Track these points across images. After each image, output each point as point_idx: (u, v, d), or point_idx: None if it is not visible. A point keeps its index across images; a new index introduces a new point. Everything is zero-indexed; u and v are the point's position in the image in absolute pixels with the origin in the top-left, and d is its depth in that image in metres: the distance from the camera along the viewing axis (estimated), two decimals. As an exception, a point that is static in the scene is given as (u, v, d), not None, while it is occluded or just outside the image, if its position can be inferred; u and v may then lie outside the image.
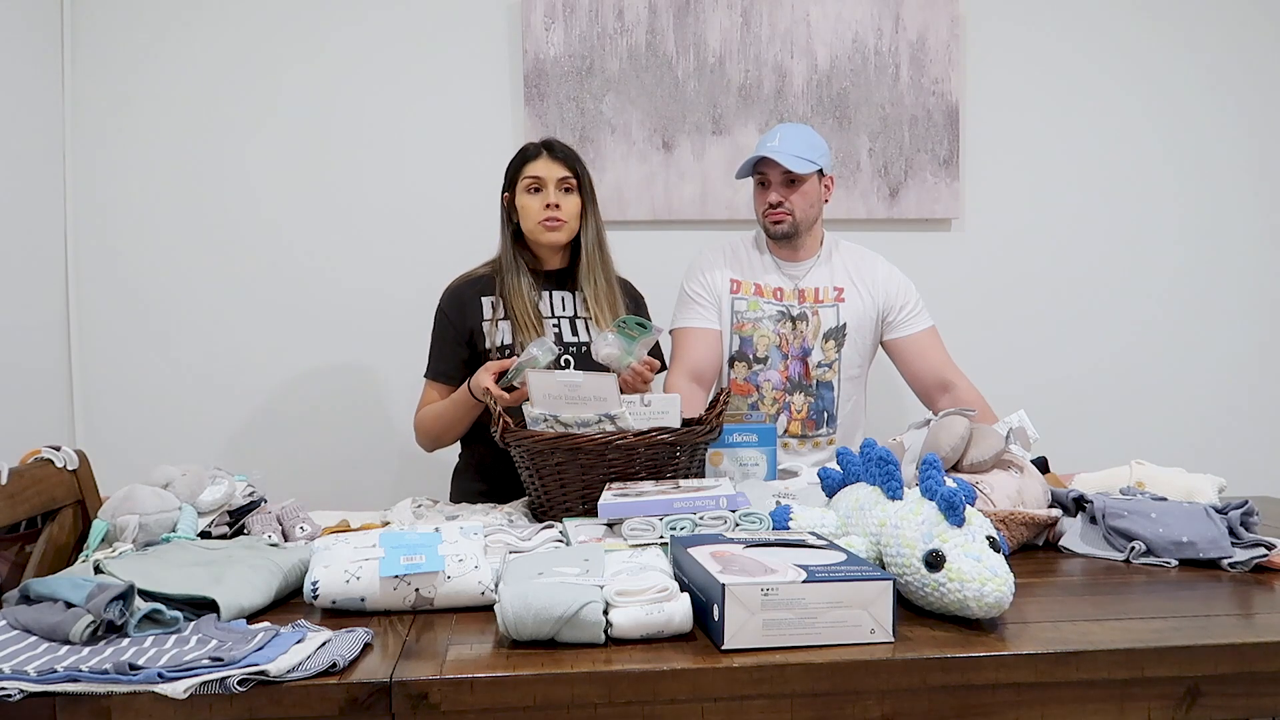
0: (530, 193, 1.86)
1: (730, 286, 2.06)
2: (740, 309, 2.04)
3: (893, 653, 0.97)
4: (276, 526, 1.44)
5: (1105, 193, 2.76)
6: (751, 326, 2.03)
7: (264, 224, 2.56)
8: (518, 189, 1.88)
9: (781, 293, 2.04)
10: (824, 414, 2.05)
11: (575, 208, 1.87)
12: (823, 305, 2.04)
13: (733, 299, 2.05)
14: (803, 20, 2.61)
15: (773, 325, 2.02)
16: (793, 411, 2.03)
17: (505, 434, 1.50)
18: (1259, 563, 1.30)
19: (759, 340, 2.02)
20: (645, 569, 1.11)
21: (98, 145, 2.51)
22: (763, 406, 2.03)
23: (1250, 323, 2.81)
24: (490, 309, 1.88)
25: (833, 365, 2.04)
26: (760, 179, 2.03)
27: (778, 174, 1.98)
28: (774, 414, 2.03)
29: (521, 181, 1.87)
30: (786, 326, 2.02)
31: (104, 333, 2.53)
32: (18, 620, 1.03)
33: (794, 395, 2.03)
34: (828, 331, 2.04)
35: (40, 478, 1.41)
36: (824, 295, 2.05)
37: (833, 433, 2.07)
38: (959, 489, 1.09)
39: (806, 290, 2.05)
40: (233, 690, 0.90)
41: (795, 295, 2.04)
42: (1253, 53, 2.77)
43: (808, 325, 2.03)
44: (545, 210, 1.84)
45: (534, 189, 1.86)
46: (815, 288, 2.05)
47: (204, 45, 2.52)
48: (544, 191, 1.85)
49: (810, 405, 2.04)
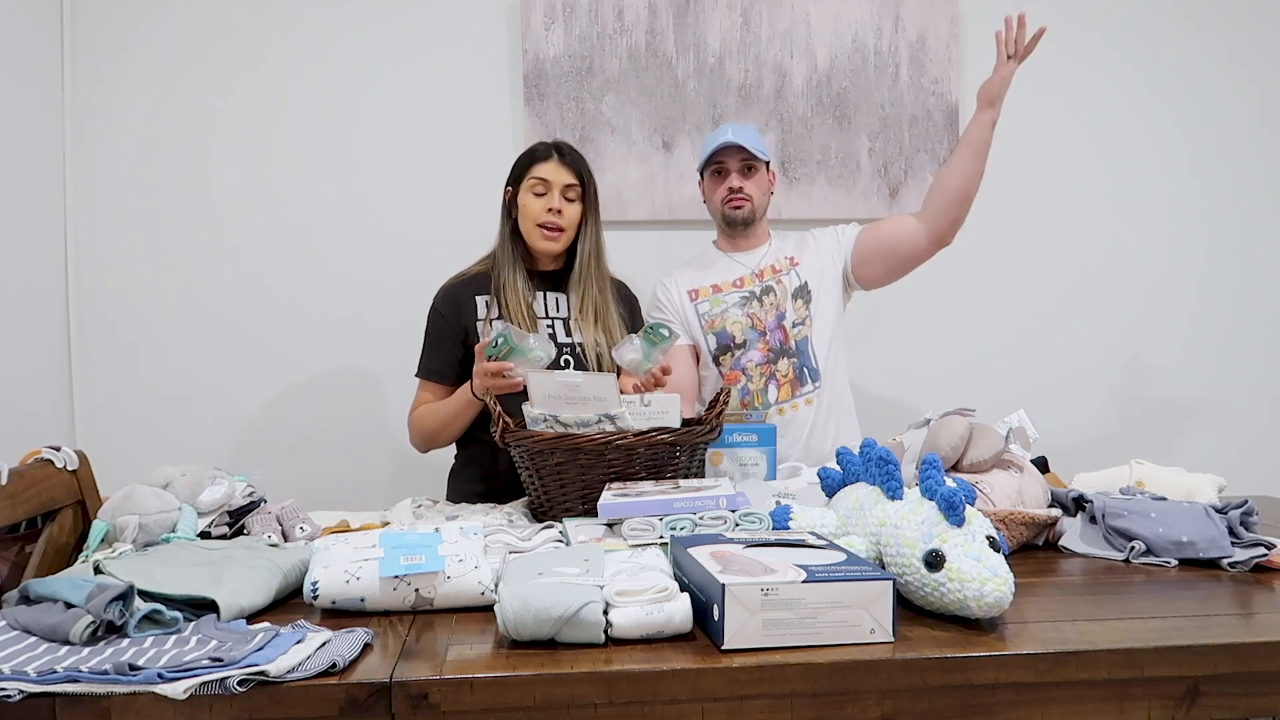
0: (534, 194, 1.85)
1: (689, 297, 2.13)
2: (704, 310, 2.11)
3: (893, 653, 0.97)
4: (276, 527, 1.44)
5: (1105, 193, 2.76)
6: (720, 319, 2.09)
7: (264, 224, 2.56)
8: (522, 187, 1.88)
9: (741, 281, 2.11)
10: (804, 370, 2.09)
11: (576, 216, 1.87)
12: (781, 274, 2.11)
13: (694, 305, 2.12)
14: (802, 20, 2.61)
15: (740, 310, 2.09)
16: (779, 377, 2.08)
17: (505, 434, 1.50)
18: (1259, 562, 1.30)
19: (732, 328, 2.08)
20: (645, 569, 1.11)
21: (98, 145, 2.51)
22: (752, 385, 2.07)
23: (1251, 322, 2.81)
24: (484, 308, 1.88)
25: (805, 321, 2.09)
26: (717, 168, 2.09)
27: (735, 162, 2.06)
28: (762, 387, 2.07)
29: (527, 180, 1.86)
30: (754, 305, 2.09)
31: (104, 333, 2.53)
32: (17, 621, 1.03)
33: (778, 363, 2.08)
34: (795, 290, 2.10)
35: (40, 478, 1.41)
36: (779, 266, 2.12)
37: (818, 385, 2.09)
38: (959, 489, 1.09)
39: (764, 270, 2.12)
40: (232, 690, 0.90)
41: (755, 278, 2.11)
42: (1255, 52, 2.77)
43: (774, 295, 2.09)
44: (546, 215, 1.84)
45: (538, 191, 1.85)
46: (769, 265, 2.12)
47: (204, 47, 2.52)
48: (548, 196, 1.85)
49: (794, 366, 2.09)
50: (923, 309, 2.70)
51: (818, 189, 2.63)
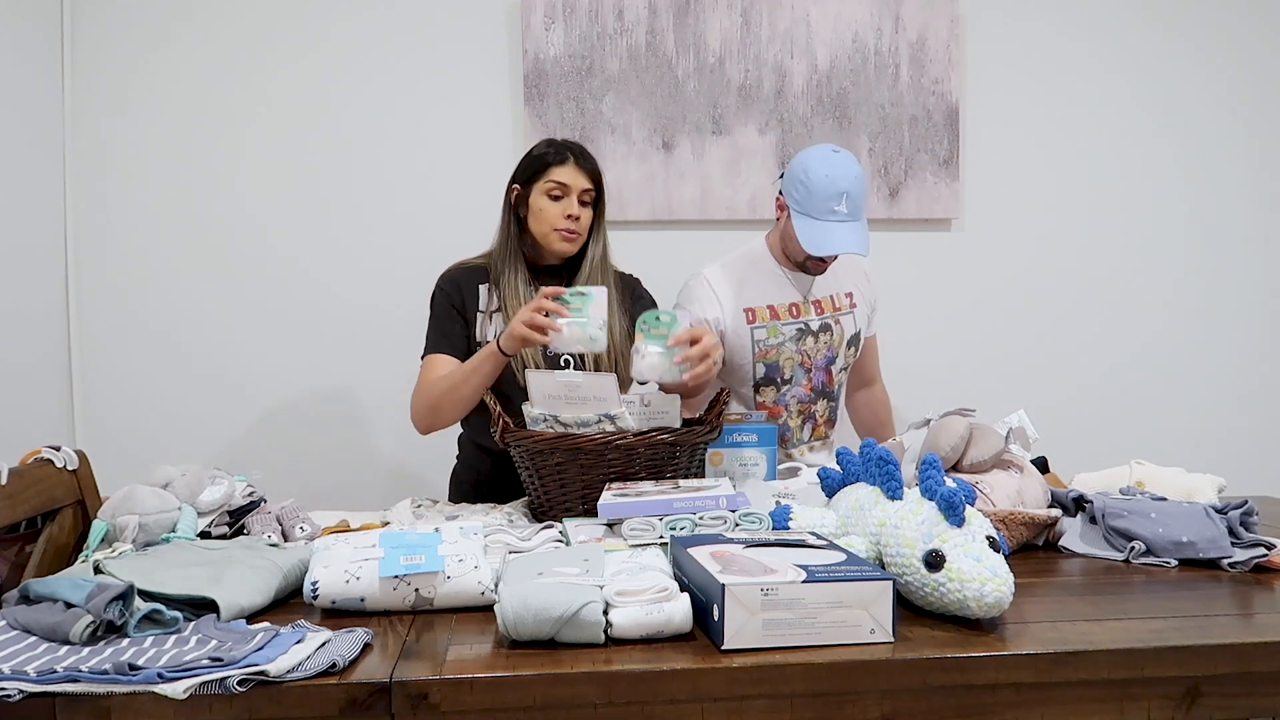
0: (550, 197, 1.82)
1: (745, 318, 2.00)
2: (760, 338, 2.00)
3: (893, 653, 0.97)
4: (276, 526, 1.44)
5: (1105, 193, 2.76)
6: (775, 352, 2.00)
7: (263, 224, 2.56)
8: (535, 188, 1.83)
9: (797, 309, 2.01)
10: (835, 413, 2.11)
11: (589, 218, 1.86)
12: (841, 314, 2.06)
13: (750, 329, 2.00)
14: (803, 20, 2.61)
15: (794, 346, 2.01)
16: (817, 419, 2.06)
17: (505, 434, 1.49)
18: (1259, 563, 1.30)
19: (784, 363, 2.00)
20: (645, 569, 1.11)
21: (98, 145, 2.51)
22: (791, 423, 2.04)
23: (1251, 322, 2.81)
24: (485, 299, 1.87)
25: (847, 368, 2.10)
26: None
27: None
28: (800, 424, 2.05)
29: (543, 183, 1.82)
30: (808, 342, 2.01)
31: (104, 332, 2.53)
32: (17, 620, 1.03)
33: (817, 403, 2.05)
34: (850, 338, 2.06)
35: (40, 478, 1.41)
36: (839, 303, 2.06)
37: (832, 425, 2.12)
38: (959, 489, 1.09)
39: (822, 301, 2.04)
40: (232, 690, 0.90)
41: (811, 307, 2.02)
42: (1253, 53, 2.77)
43: (831, 335, 2.03)
44: (565, 220, 1.80)
45: (555, 195, 1.81)
46: (829, 296, 2.05)
47: (203, 46, 2.52)
48: (566, 200, 1.81)
49: (830, 409, 2.09)
50: (923, 309, 2.70)
51: (818, 189, 2.63)
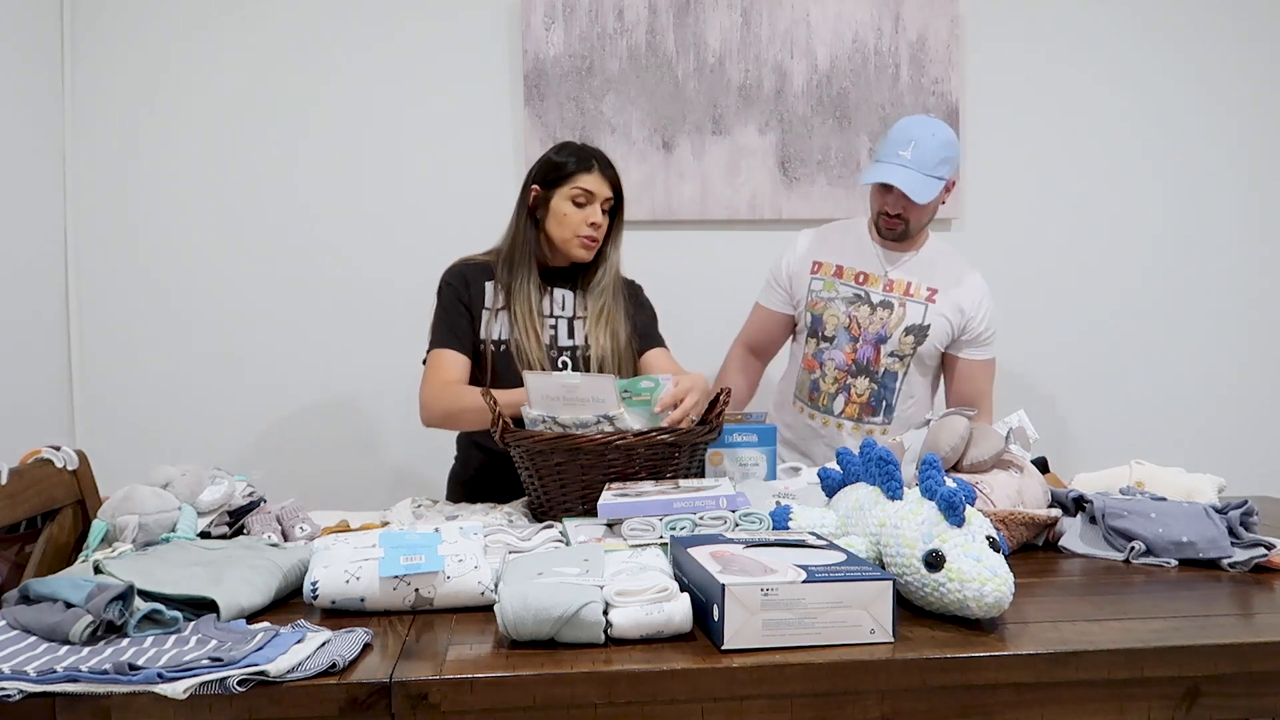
0: (575, 204, 1.83)
1: (811, 267, 2.11)
2: (816, 288, 2.10)
3: (893, 653, 0.97)
4: (276, 526, 1.44)
5: (1105, 192, 2.76)
6: (823, 305, 2.08)
7: (263, 225, 2.56)
8: (559, 192, 1.83)
9: (865, 277, 2.06)
10: (883, 403, 2.08)
11: (607, 226, 1.88)
12: (911, 300, 2.05)
13: (810, 279, 2.11)
14: (803, 20, 2.61)
15: (844, 306, 2.06)
16: (852, 394, 2.06)
17: (505, 434, 1.49)
18: (1259, 563, 1.30)
19: (828, 319, 2.07)
20: (645, 569, 1.10)
21: (98, 147, 2.51)
22: (823, 385, 2.07)
23: (1251, 323, 2.81)
24: (491, 297, 1.87)
25: (904, 359, 2.06)
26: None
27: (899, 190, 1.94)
28: (832, 393, 2.06)
29: (568, 188, 1.82)
30: (862, 310, 2.05)
31: (104, 333, 2.53)
32: (17, 620, 1.03)
33: (857, 378, 2.05)
34: (910, 326, 2.05)
35: (40, 478, 1.41)
36: (915, 290, 2.06)
37: (888, 423, 2.07)
38: (959, 489, 1.09)
39: (897, 281, 2.06)
40: (232, 690, 0.90)
41: (883, 283, 2.06)
42: (1247, 54, 2.77)
43: (891, 314, 2.04)
44: (588, 228, 1.82)
45: (580, 202, 1.82)
46: (908, 281, 2.06)
47: (203, 46, 2.52)
48: (590, 208, 1.83)
49: (872, 392, 2.06)
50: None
51: (818, 189, 2.63)
